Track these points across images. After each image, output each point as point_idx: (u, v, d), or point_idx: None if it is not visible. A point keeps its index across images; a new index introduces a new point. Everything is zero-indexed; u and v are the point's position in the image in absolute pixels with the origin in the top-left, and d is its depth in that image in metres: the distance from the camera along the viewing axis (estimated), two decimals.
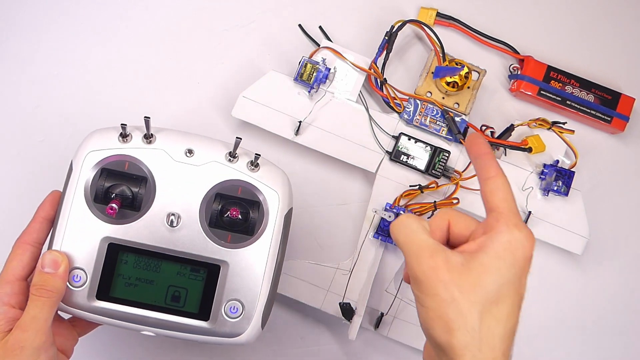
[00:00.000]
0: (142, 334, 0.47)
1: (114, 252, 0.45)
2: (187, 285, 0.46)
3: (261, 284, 0.46)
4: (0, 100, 0.58)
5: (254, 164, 0.47)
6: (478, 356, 0.35)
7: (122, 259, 0.45)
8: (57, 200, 0.45)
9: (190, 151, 0.46)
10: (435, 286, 0.36)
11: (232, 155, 0.46)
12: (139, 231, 0.45)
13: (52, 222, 0.45)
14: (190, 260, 0.46)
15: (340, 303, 0.55)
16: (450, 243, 0.40)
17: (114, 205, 0.44)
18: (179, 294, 0.46)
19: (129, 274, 0.45)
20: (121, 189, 0.45)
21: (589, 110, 0.60)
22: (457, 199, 0.57)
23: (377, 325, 0.57)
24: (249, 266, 0.46)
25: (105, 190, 0.45)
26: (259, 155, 0.46)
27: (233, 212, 0.46)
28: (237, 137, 0.45)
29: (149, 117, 0.45)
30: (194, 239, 0.45)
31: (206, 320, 0.46)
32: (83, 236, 0.44)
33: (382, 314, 0.57)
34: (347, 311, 0.55)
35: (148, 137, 0.46)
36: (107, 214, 0.44)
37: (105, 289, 0.45)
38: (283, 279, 0.55)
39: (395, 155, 0.57)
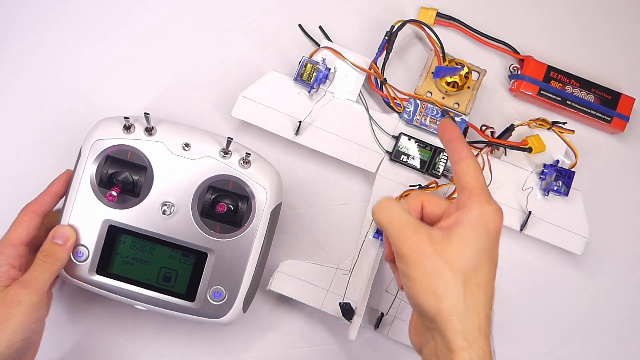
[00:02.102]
0: (135, 308, 0.51)
1: (114, 233, 0.49)
2: (178, 268, 0.50)
3: (244, 274, 0.50)
4: (0, 100, 0.58)
5: (245, 161, 0.50)
6: (464, 319, 0.38)
7: (121, 239, 0.50)
8: (68, 179, 0.49)
9: (187, 145, 0.49)
10: (420, 258, 0.39)
11: (225, 152, 0.50)
12: (136, 216, 0.49)
13: (60, 198, 0.50)
14: (181, 246, 0.49)
15: (340, 303, 0.55)
16: (424, 222, 0.42)
17: (113, 192, 0.48)
18: (169, 275, 0.50)
19: (126, 253, 0.50)
20: (124, 175, 0.49)
21: (589, 110, 0.60)
22: None
23: (377, 325, 0.57)
24: (235, 256, 0.49)
25: (109, 176, 0.49)
26: (249, 153, 0.50)
27: (223, 205, 0.49)
28: (228, 137, 0.48)
29: (149, 113, 0.48)
30: (185, 227, 0.49)
31: (192, 301, 0.50)
32: (87, 217, 0.49)
33: (382, 314, 0.57)
34: (347, 311, 0.55)
35: (149, 130, 0.49)
36: (108, 200, 0.48)
37: (104, 266, 0.50)
38: (284, 279, 0.55)
39: (395, 155, 0.57)
